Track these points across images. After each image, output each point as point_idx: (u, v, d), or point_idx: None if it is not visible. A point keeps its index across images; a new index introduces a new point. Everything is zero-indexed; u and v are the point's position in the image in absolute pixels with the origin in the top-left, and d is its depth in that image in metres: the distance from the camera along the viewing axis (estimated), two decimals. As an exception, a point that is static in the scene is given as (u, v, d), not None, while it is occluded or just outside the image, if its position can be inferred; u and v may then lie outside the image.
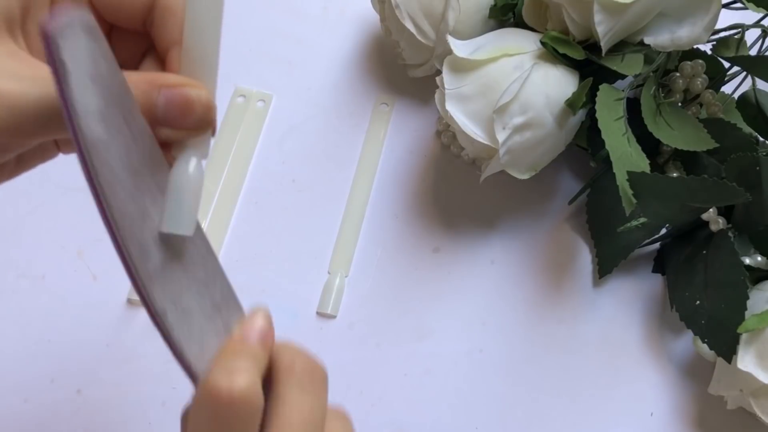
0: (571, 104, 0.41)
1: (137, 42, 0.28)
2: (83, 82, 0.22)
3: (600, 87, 0.40)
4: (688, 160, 0.45)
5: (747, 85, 0.45)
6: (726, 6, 0.44)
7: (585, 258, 0.47)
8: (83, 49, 0.22)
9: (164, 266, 0.25)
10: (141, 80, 0.24)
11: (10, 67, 0.23)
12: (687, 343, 0.45)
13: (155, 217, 0.24)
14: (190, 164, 0.25)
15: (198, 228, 0.26)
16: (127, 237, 0.23)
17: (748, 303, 0.38)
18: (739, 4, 0.44)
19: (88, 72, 0.22)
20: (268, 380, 0.25)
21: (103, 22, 0.27)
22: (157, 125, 0.24)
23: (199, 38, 0.25)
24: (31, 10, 0.25)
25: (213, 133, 0.26)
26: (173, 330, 0.24)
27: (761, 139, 0.44)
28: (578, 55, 0.41)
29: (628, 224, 0.41)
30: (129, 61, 0.28)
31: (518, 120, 0.40)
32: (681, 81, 0.44)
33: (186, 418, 0.25)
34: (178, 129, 0.25)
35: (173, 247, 0.25)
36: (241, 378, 0.22)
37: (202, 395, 0.22)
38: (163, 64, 0.27)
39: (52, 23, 0.21)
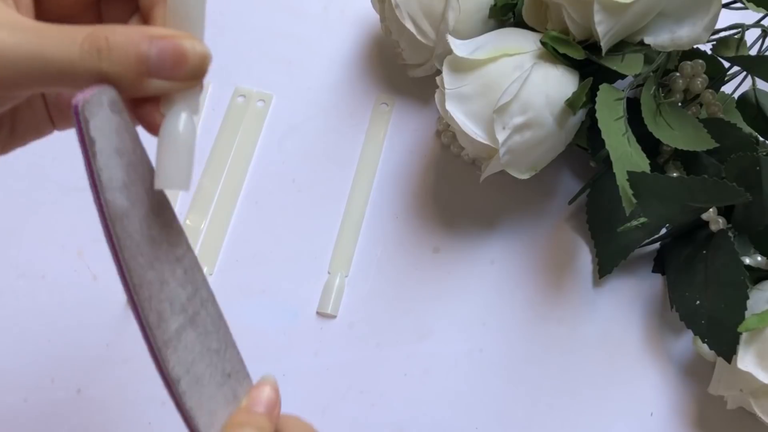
0: (571, 104, 0.41)
1: (125, 3, 0.28)
2: (110, 156, 0.23)
3: (600, 87, 0.40)
4: (688, 160, 0.45)
5: (747, 85, 0.45)
6: (726, 6, 0.44)
7: (585, 258, 0.47)
8: (110, 123, 0.23)
9: (179, 333, 0.26)
10: (132, 32, 0.23)
11: None
12: (687, 343, 0.45)
13: (173, 285, 0.25)
14: (180, 119, 0.25)
15: (211, 295, 0.27)
16: (145, 304, 0.24)
17: (748, 303, 0.38)
18: (739, 4, 0.44)
19: (114, 146, 0.24)
20: None
21: None
22: (149, 76, 0.24)
23: None
24: None
25: (201, 87, 0.26)
26: (185, 397, 0.25)
27: (761, 139, 0.44)
28: (578, 55, 0.41)
29: (628, 224, 0.41)
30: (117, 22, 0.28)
31: (518, 120, 0.40)
32: (681, 81, 0.44)
33: None
34: (170, 80, 0.24)
35: (189, 314, 0.26)
36: None
37: None
38: (147, 23, 0.27)
39: (81, 99, 0.22)
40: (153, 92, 0.24)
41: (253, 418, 0.26)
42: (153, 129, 0.26)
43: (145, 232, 0.24)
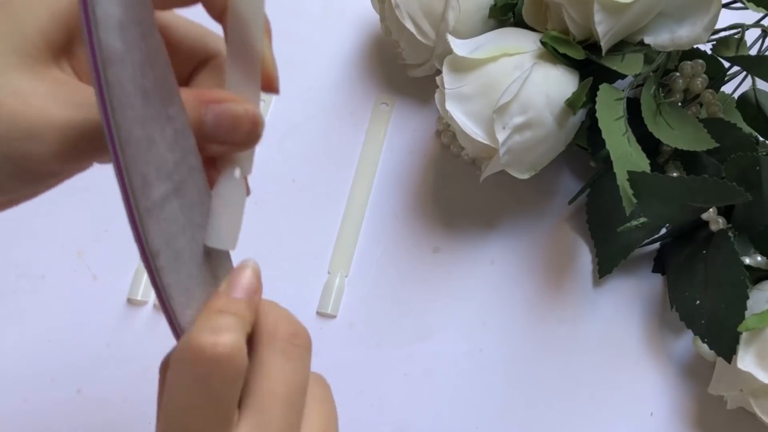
0: (571, 104, 0.41)
1: (192, 55, 0.28)
2: None
3: (600, 87, 0.40)
4: (688, 160, 0.45)
5: (747, 85, 0.45)
6: (726, 6, 0.44)
7: (585, 258, 0.47)
8: None
9: (163, 202, 0.23)
10: (189, 97, 0.24)
11: (58, 94, 0.23)
12: (687, 343, 0.45)
13: (161, 147, 0.23)
14: (234, 179, 0.25)
15: (199, 164, 0.25)
16: (130, 165, 0.22)
17: (748, 303, 0.38)
18: (739, 4, 0.44)
19: None
20: (251, 340, 0.25)
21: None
22: (207, 141, 0.24)
23: (242, 49, 0.24)
24: (75, 35, 0.25)
25: (254, 149, 0.26)
26: (162, 273, 0.23)
27: (761, 139, 0.44)
28: (578, 54, 0.41)
29: (628, 224, 0.41)
30: (184, 72, 0.28)
31: (518, 120, 0.40)
32: (681, 81, 0.44)
33: (165, 369, 0.24)
34: (226, 144, 0.25)
35: (175, 182, 0.24)
36: (225, 338, 0.22)
37: (185, 352, 0.22)
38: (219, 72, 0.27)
39: None
40: (211, 154, 0.25)
41: (232, 305, 0.24)
42: (211, 184, 0.26)
43: (138, 82, 0.22)
